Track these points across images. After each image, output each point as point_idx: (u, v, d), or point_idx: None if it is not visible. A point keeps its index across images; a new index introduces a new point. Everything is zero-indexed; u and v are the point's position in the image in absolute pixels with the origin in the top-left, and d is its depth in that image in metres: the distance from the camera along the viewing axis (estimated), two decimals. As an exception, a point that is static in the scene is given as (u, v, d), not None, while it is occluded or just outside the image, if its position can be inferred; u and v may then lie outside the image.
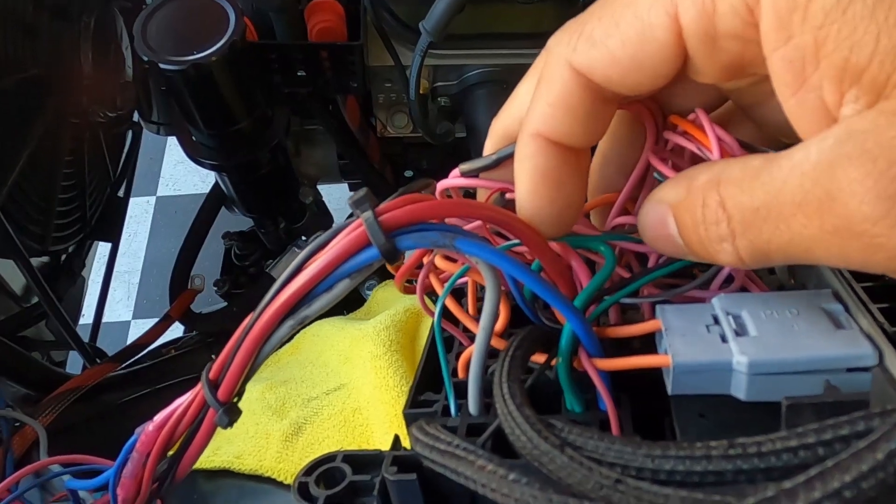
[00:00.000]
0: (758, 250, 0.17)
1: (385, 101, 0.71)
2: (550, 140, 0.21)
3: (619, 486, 0.15)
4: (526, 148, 0.21)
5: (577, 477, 0.16)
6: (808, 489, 0.13)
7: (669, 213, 0.19)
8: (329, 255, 0.19)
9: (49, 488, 0.43)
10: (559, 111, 0.21)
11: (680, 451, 0.15)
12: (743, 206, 0.17)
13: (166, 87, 0.62)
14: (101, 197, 0.82)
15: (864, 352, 0.18)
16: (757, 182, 0.17)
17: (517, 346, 0.22)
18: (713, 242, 0.18)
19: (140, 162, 0.93)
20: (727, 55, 0.18)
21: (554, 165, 0.21)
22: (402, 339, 0.43)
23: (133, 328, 1.42)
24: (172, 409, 0.23)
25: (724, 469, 0.15)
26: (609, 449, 0.16)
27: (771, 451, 0.15)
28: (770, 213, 0.16)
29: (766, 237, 0.17)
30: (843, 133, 0.15)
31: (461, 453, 0.18)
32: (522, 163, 0.22)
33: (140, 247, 1.55)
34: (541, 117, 0.21)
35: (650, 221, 0.20)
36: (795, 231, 0.16)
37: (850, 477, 0.12)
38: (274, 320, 0.20)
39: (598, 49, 0.19)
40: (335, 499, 0.22)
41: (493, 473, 0.17)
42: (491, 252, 0.20)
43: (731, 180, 0.17)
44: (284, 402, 0.43)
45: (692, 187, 0.18)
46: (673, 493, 0.14)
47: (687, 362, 0.19)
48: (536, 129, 0.21)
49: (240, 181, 0.73)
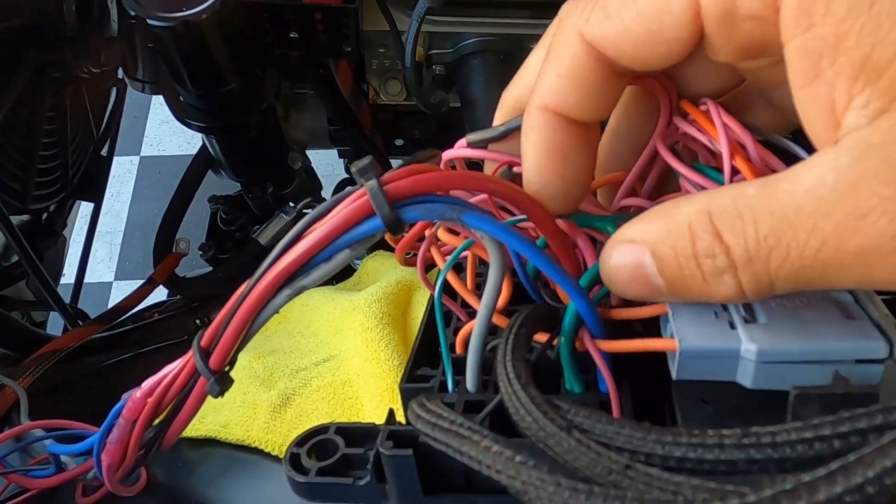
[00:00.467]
0: (762, 281, 0.16)
1: (378, 67, 0.70)
2: (558, 113, 0.20)
3: (628, 472, 0.15)
4: (533, 120, 0.21)
5: (584, 461, 0.16)
6: (829, 483, 0.12)
7: (646, 251, 0.18)
8: (331, 223, 0.18)
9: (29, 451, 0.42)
10: (568, 83, 0.20)
11: (692, 439, 0.15)
12: (746, 235, 0.16)
13: (153, 45, 0.60)
14: (83, 155, 0.80)
15: (876, 343, 0.18)
16: (761, 209, 0.16)
17: (521, 324, 0.21)
18: (709, 277, 0.17)
19: (124, 121, 0.91)
20: (745, 36, 0.18)
21: (561, 139, 0.21)
22: (394, 311, 0.43)
23: (115, 289, 1.40)
24: (161, 375, 0.23)
25: (737, 458, 0.15)
26: (618, 433, 0.16)
27: (786, 441, 0.14)
28: (780, 241, 0.16)
29: (774, 266, 0.16)
30: (859, 148, 0.15)
31: (465, 433, 0.17)
32: (529, 135, 0.21)
33: (123, 207, 1.53)
34: (549, 89, 0.20)
35: (621, 263, 0.19)
36: (808, 256, 0.15)
37: (874, 472, 0.12)
38: (271, 288, 0.19)
39: (612, 21, 0.19)
40: (327, 471, 0.22)
41: (499, 455, 0.16)
42: (498, 227, 0.19)
43: (726, 210, 0.16)
44: (272, 372, 0.42)
45: (674, 222, 0.17)
46: (685, 480, 0.14)
47: (694, 347, 0.19)
48: (544, 101, 0.20)
49: (228, 144, 0.72)
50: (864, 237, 0.14)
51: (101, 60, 0.72)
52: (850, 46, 0.15)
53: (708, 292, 0.17)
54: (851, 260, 0.15)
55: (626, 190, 0.25)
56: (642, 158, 0.24)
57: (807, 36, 0.15)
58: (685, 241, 0.17)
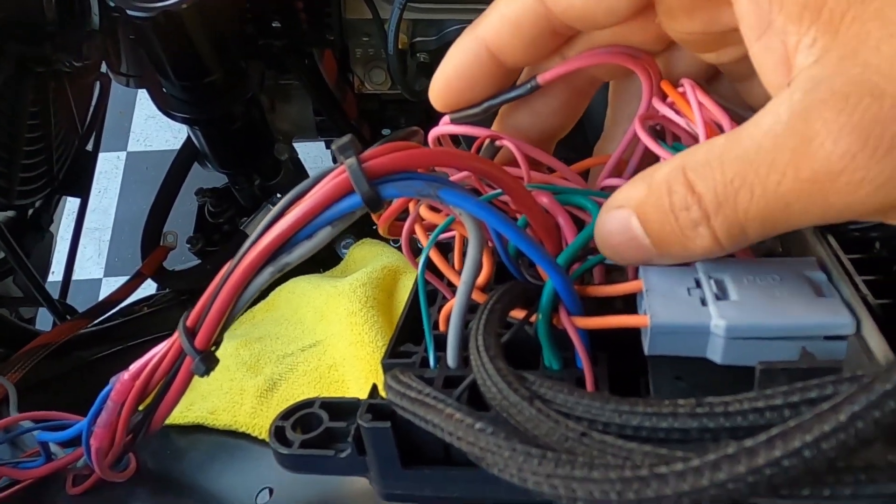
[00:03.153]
0: (734, 226, 0.17)
1: (363, 56, 0.70)
2: (489, 49, 0.22)
3: (584, 440, 0.15)
4: (466, 42, 0.23)
5: (543, 429, 0.16)
6: (768, 448, 0.13)
7: (632, 214, 0.19)
8: (311, 200, 0.19)
9: (20, 444, 0.42)
10: (508, 28, 0.22)
11: (647, 408, 0.15)
12: (715, 181, 0.17)
13: (135, 36, 0.60)
14: (68, 150, 0.79)
15: (842, 320, 0.18)
16: (728, 156, 0.16)
17: (497, 299, 0.21)
18: (686, 230, 0.17)
19: (110, 116, 0.90)
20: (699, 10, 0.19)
21: (478, 72, 0.23)
22: (379, 295, 0.43)
23: (105, 286, 1.40)
24: (148, 357, 0.23)
25: (690, 427, 0.15)
26: (578, 403, 0.16)
27: (738, 410, 0.15)
28: (745, 181, 0.16)
29: (742, 208, 0.16)
30: (808, 83, 0.15)
31: (430, 401, 0.18)
32: (455, 52, 0.23)
33: (111, 203, 1.52)
34: (490, 26, 0.22)
35: (611, 229, 0.19)
36: (770, 190, 0.16)
37: (812, 437, 0.12)
38: (254, 266, 0.19)
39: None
40: (310, 443, 0.22)
41: (460, 422, 0.17)
42: (475, 204, 0.20)
43: (698, 163, 0.17)
44: (259, 358, 0.42)
45: (653, 181, 0.18)
46: (637, 447, 0.14)
47: (664, 323, 0.19)
48: (483, 34, 0.22)
49: (212, 135, 0.72)
50: (815, 161, 0.15)
51: (83, 54, 0.71)
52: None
53: (688, 246, 0.18)
54: (808, 188, 0.15)
55: (608, 170, 0.25)
56: (625, 140, 0.24)
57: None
58: (663, 197, 0.18)
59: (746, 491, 0.13)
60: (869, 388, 0.13)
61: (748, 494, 0.13)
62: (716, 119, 0.21)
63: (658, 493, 0.13)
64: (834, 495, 0.13)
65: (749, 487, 0.13)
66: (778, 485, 0.13)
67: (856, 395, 0.13)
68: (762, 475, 0.13)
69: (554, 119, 0.25)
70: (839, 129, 0.14)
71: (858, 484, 0.13)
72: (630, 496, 0.13)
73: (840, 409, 0.13)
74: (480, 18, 0.22)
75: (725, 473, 0.13)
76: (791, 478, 0.13)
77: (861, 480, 0.13)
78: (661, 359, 0.20)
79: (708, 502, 0.13)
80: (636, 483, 0.13)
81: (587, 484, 0.14)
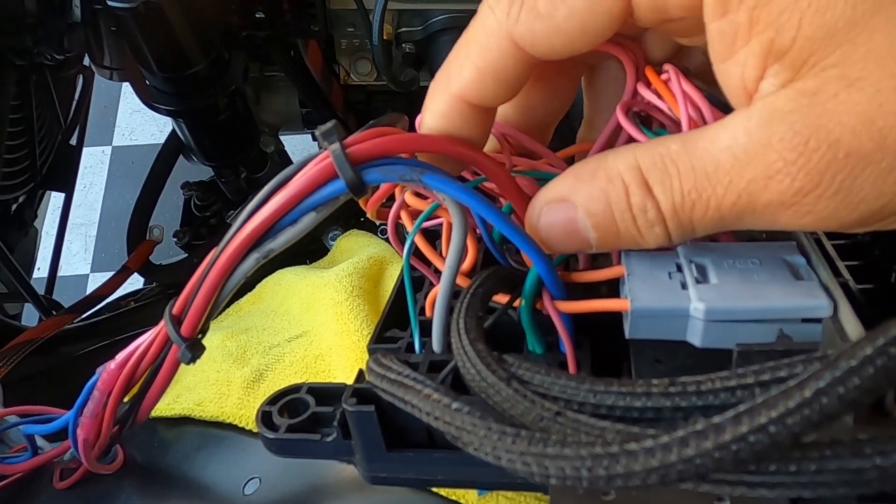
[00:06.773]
0: (686, 228, 0.18)
1: (348, 47, 0.70)
2: (469, 102, 0.21)
3: (558, 419, 0.16)
4: (444, 105, 0.21)
5: (519, 409, 0.16)
6: (735, 424, 0.13)
7: (577, 209, 0.19)
8: (295, 186, 0.19)
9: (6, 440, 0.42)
10: (488, 78, 0.21)
11: (622, 388, 0.16)
12: (673, 190, 0.18)
13: (117, 28, 0.59)
14: (51, 144, 0.79)
15: (819, 303, 0.18)
16: (684, 165, 0.18)
17: (479, 284, 0.22)
18: (643, 229, 0.19)
19: (94, 110, 0.89)
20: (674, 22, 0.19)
21: (465, 126, 0.21)
22: (366, 284, 0.43)
23: (91, 282, 1.39)
24: (134, 346, 0.23)
25: (663, 406, 0.15)
26: (554, 383, 0.16)
27: (710, 389, 0.15)
28: (701, 196, 0.18)
29: (697, 216, 0.18)
30: (767, 112, 0.17)
31: (409, 382, 0.18)
32: (437, 117, 0.21)
33: (96, 198, 1.50)
34: (467, 82, 0.21)
35: (553, 221, 0.20)
36: (725, 207, 0.17)
37: (777, 413, 0.13)
38: (239, 253, 0.19)
39: (543, 22, 0.19)
40: (296, 428, 0.23)
41: (437, 402, 0.17)
42: (458, 189, 0.20)
43: (655, 166, 0.18)
44: (245, 349, 0.42)
45: (606, 178, 0.19)
46: (610, 426, 0.15)
47: (645, 307, 0.19)
48: (461, 91, 0.21)
49: (197, 128, 0.71)
50: (771, 194, 0.17)
51: (65, 46, 0.71)
52: (759, 31, 0.17)
53: (640, 241, 0.19)
54: (762, 210, 0.17)
55: None
56: (608, 127, 0.24)
57: (723, 21, 0.17)
58: (621, 197, 0.19)
59: (714, 466, 0.13)
60: (834, 365, 0.13)
61: (716, 470, 0.13)
62: (697, 105, 0.21)
63: (627, 469, 0.13)
64: (800, 470, 0.13)
65: (716, 463, 0.13)
66: (745, 459, 0.13)
67: (821, 371, 0.13)
68: (729, 450, 0.13)
69: (548, 107, 0.25)
70: (797, 170, 0.16)
71: (823, 459, 0.13)
72: (600, 472, 0.13)
73: (805, 385, 0.13)
74: (449, 74, 0.21)
75: (693, 449, 0.13)
76: (757, 452, 0.13)
77: (826, 456, 0.13)
78: (643, 342, 0.20)
79: (677, 478, 0.13)
80: (606, 460, 0.14)
81: (559, 461, 0.14)
